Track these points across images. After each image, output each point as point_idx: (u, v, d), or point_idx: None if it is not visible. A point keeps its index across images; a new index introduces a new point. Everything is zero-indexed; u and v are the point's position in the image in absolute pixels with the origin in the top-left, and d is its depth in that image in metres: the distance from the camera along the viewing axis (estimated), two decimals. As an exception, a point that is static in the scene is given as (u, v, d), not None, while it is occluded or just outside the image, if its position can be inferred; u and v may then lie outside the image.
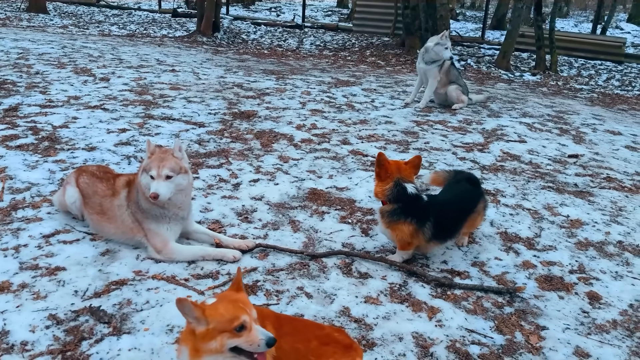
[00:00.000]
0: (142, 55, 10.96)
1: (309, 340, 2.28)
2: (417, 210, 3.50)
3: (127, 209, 3.42)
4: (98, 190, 3.55)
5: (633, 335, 3.06)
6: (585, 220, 4.49)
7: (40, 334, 2.67)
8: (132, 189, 3.45)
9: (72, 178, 3.72)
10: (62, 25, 16.42)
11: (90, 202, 3.58)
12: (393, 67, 12.70)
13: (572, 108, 9.13)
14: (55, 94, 7.08)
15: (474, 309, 3.19)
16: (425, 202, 3.58)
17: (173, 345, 2.68)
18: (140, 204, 3.38)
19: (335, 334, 2.35)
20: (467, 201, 3.75)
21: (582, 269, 3.74)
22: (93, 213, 3.57)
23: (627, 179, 5.59)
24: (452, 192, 3.84)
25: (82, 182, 3.64)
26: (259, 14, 23.68)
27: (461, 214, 3.69)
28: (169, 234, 3.40)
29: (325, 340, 2.29)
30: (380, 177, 3.50)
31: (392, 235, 3.56)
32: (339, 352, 2.25)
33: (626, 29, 23.99)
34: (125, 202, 3.44)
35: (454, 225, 3.68)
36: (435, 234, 3.53)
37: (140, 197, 3.37)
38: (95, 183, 3.58)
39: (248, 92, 8.23)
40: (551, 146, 6.57)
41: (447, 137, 6.60)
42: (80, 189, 3.64)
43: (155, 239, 3.37)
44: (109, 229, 3.52)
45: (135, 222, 3.41)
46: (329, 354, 2.24)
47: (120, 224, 3.46)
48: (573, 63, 14.91)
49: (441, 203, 3.70)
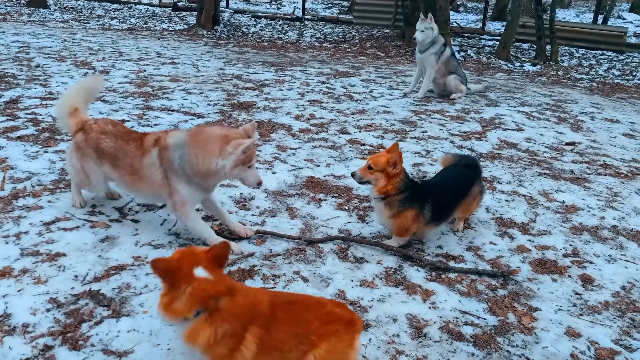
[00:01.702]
0: (142, 49, 11.00)
1: (309, 322, 2.24)
2: (419, 196, 3.57)
3: (160, 167, 3.44)
4: (127, 151, 3.55)
5: (624, 316, 3.11)
6: (580, 206, 4.52)
7: (41, 317, 2.73)
8: (165, 149, 3.42)
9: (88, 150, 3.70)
10: (62, 19, 16.45)
11: (120, 164, 3.59)
12: (393, 59, 12.71)
13: (571, 97, 9.14)
14: (56, 87, 7.12)
15: (468, 291, 3.24)
16: (422, 186, 3.67)
17: (171, 326, 2.73)
18: (175, 164, 3.37)
19: (337, 309, 2.31)
20: (460, 183, 3.81)
21: (576, 252, 3.79)
22: (125, 175, 3.58)
23: (624, 166, 5.62)
24: (446, 174, 3.93)
25: (106, 146, 3.61)
26: (259, 7, 23.65)
27: (455, 195, 3.76)
28: (191, 198, 3.48)
29: (327, 318, 2.26)
30: (395, 175, 3.50)
31: (394, 224, 3.60)
32: (341, 329, 2.25)
33: (628, 18, 23.86)
34: (157, 161, 3.44)
35: (449, 207, 3.74)
36: (432, 217, 3.60)
37: (185, 164, 3.33)
38: (123, 145, 3.58)
39: (247, 84, 8.26)
40: (549, 134, 6.59)
41: (445, 126, 6.63)
42: (102, 153, 3.64)
43: (177, 197, 3.44)
44: (142, 188, 3.55)
45: (164, 179, 3.44)
46: (331, 333, 2.23)
47: (150, 183, 3.50)
48: (574, 53, 14.88)
49: (435, 185, 3.79)
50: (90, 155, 3.67)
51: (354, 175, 3.60)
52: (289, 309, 2.30)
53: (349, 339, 2.27)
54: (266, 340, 2.19)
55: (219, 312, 2.16)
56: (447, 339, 2.81)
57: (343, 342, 2.25)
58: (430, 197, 3.59)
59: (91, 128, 3.69)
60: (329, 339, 2.22)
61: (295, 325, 2.25)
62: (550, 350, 2.77)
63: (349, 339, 2.27)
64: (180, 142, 3.37)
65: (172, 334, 2.67)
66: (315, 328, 2.23)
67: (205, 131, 3.38)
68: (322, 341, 2.22)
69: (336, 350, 2.24)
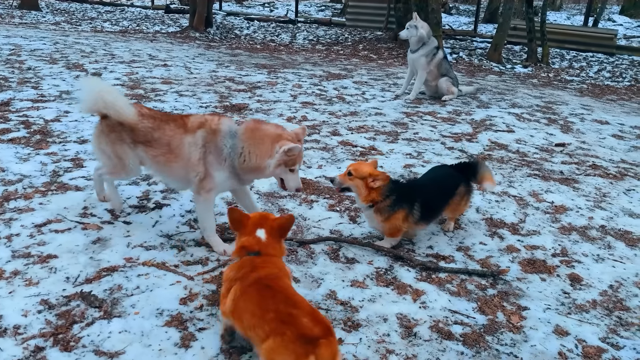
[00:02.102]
0: (134, 51, 10.99)
1: (267, 311, 2.27)
2: (406, 197, 3.63)
3: (202, 148, 3.44)
4: (166, 130, 3.55)
5: (612, 315, 3.15)
6: (569, 206, 4.57)
7: (32, 318, 2.73)
8: (214, 133, 3.43)
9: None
10: (54, 21, 16.40)
11: (155, 145, 3.57)
12: (385, 61, 12.76)
13: (561, 99, 9.22)
14: (47, 89, 7.11)
15: (458, 291, 3.27)
16: (408, 186, 3.75)
17: (163, 327, 2.74)
18: (224, 152, 3.39)
19: (303, 318, 2.20)
20: (446, 183, 3.90)
21: (565, 252, 3.83)
22: (160, 155, 3.57)
23: (612, 166, 5.68)
24: (432, 174, 4.03)
25: (143, 127, 3.58)
26: (252, 10, 23.68)
27: (441, 194, 3.83)
28: (221, 186, 3.52)
29: (284, 317, 2.22)
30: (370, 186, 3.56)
31: (386, 227, 3.65)
32: (289, 336, 2.15)
33: (618, 21, 24.10)
34: (202, 141, 3.44)
35: (437, 205, 3.81)
36: (422, 216, 3.66)
37: (235, 156, 3.36)
38: (161, 125, 3.58)
39: (239, 86, 8.28)
40: (539, 135, 6.65)
41: (436, 128, 6.68)
42: (137, 135, 3.60)
43: (208, 182, 3.45)
44: (175, 167, 3.54)
45: (201, 160, 3.45)
46: (278, 332, 2.18)
47: (186, 161, 3.49)
48: (565, 55, 15.00)
49: (422, 185, 3.87)
50: (125, 139, 3.63)
51: (333, 181, 3.66)
52: (262, 292, 2.39)
53: (295, 355, 2.12)
54: (237, 301, 2.43)
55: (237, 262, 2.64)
56: (436, 338, 2.83)
57: (287, 354, 2.13)
58: (418, 197, 3.66)
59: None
60: (275, 337, 2.17)
61: (255, 306, 2.34)
62: (538, 349, 2.81)
63: (296, 356, 2.12)
64: (233, 133, 3.40)
65: (164, 335, 2.69)
66: (269, 319, 2.24)
67: (262, 129, 3.39)
68: (270, 336, 2.19)
69: (277, 353, 2.16)
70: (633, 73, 13.00)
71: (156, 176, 3.92)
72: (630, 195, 4.93)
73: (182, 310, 2.89)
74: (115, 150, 3.64)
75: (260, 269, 2.52)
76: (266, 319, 2.25)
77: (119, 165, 3.69)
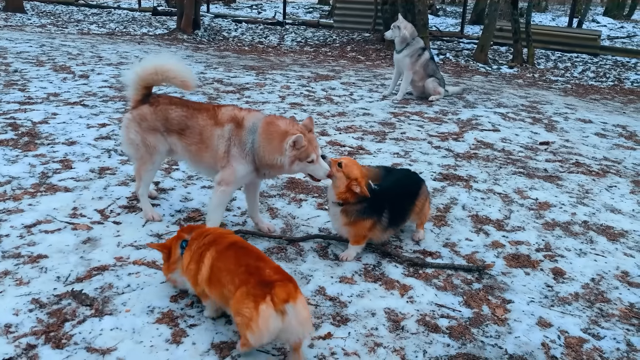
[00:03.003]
0: (122, 53, 10.97)
1: (240, 264, 2.58)
2: (376, 204, 3.51)
3: (228, 141, 3.48)
4: (199, 119, 3.59)
5: (593, 306, 3.24)
6: (553, 203, 4.67)
7: (23, 317, 2.75)
8: (241, 128, 3.47)
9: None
10: (40, 24, 16.30)
11: (188, 134, 3.61)
12: (373, 62, 12.86)
13: (546, 98, 9.37)
14: (35, 91, 7.09)
15: (444, 285, 3.34)
16: (378, 193, 3.54)
17: (154, 324, 2.78)
18: (247, 147, 3.44)
19: (267, 269, 2.53)
20: (410, 183, 3.81)
21: (548, 247, 3.92)
22: (192, 144, 3.61)
23: (595, 164, 5.80)
24: (396, 175, 3.90)
25: (176, 116, 3.63)
26: (240, 12, 23.69)
27: (408, 196, 3.74)
28: (241, 179, 3.57)
29: (251, 269, 2.53)
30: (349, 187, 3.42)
31: (350, 232, 3.52)
32: (252, 282, 2.45)
33: (602, 22, 24.45)
34: (228, 135, 3.49)
35: (404, 209, 3.71)
36: (390, 222, 3.58)
37: (255, 151, 3.42)
38: (195, 114, 3.61)
39: (228, 87, 8.31)
40: (523, 134, 6.77)
41: (423, 127, 6.76)
42: (171, 124, 3.65)
43: (228, 174, 3.51)
44: (206, 157, 3.59)
45: (226, 153, 3.50)
46: (243, 282, 2.48)
47: (214, 153, 3.54)
48: (550, 56, 15.20)
49: (390, 190, 3.66)
50: (157, 127, 3.67)
51: (324, 157, 3.43)
52: (237, 252, 2.69)
53: (255, 295, 2.39)
54: (214, 264, 2.66)
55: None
56: (423, 331, 2.90)
57: (248, 298, 2.41)
58: (387, 204, 3.55)
59: (157, 100, 3.72)
60: (241, 288, 2.47)
61: (232, 263, 2.61)
62: (522, 340, 2.88)
63: (254, 298, 2.39)
64: (254, 128, 3.45)
65: (155, 331, 2.72)
66: (240, 272, 2.53)
67: (274, 124, 3.43)
68: (239, 287, 2.48)
69: (240, 301, 2.44)
70: (616, 73, 13.22)
71: (188, 164, 3.94)
72: (612, 192, 5.04)
73: (172, 308, 2.92)
74: (145, 139, 3.70)
75: (229, 236, 2.85)
76: (238, 272, 2.55)
77: (146, 155, 3.74)
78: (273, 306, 2.35)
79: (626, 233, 4.22)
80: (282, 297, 2.37)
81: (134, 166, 3.91)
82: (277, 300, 2.36)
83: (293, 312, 2.38)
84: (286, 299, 2.37)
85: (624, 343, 2.91)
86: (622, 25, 23.97)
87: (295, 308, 2.39)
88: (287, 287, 2.43)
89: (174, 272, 2.97)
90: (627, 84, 12.12)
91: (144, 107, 3.70)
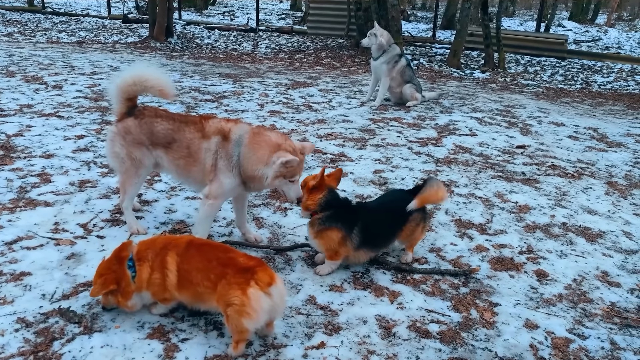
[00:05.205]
0: (94, 62, 10.80)
1: (210, 260, 2.67)
2: (345, 216, 3.41)
3: (215, 154, 3.44)
4: (186, 132, 3.53)
5: (577, 307, 3.32)
6: (532, 205, 4.78)
7: (9, 337, 2.69)
8: (227, 141, 3.42)
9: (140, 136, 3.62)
10: (6, 33, 15.93)
11: (175, 147, 3.55)
12: (348, 68, 12.95)
13: (519, 102, 9.58)
14: (7, 103, 6.93)
15: (432, 291, 3.39)
16: (353, 207, 3.53)
17: (145, 340, 2.74)
18: (234, 160, 3.41)
19: (239, 258, 2.64)
20: (399, 207, 3.55)
21: (531, 249, 4.01)
22: (179, 158, 3.56)
23: (570, 166, 5.96)
24: (385, 198, 3.91)
25: (161, 129, 3.57)
26: (212, 19, 23.57)
27: (392, 219, 3.56)
28: (229, 193, 3.55)
29: (224, 261, 2.63)
30: (315, 189, 3.38)
31: (320, 245, 3.44)
32: (231, 273, 2.57)
33: (568, 26, 25.17)
34: (215, 148, 3.45)
35: (385, 232, 3.56)
36: (363, 241, 3.41)
37: (242, 159, 3.39)
38: (182, 127, 3.55)
39: (205, 96, 8.26)
40: (500, 138, 6.91)
41: (403, 133, 6.85)
42: (156, 137, 3.59)
43: (216, 188, 3.48)
44: (194, 171, 3.55)
45: (213, 166, 3.46)
46: (222, 275, 2.58)
47: (202, 166, 3.51)
48: (520, 60, 15.55)
49: (368, 208, 3.66)
50: (143, 141, 3.60)
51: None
52: (200, 248, 2.78)
53: (239, 283, 2.51)
54: (180, 267, 2.71)
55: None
56: (415, 337, 2.93)
57: (233, 287, 2.52)
58: (360, 219, 3.41)
59: (143, 113, 3.64)
60: (221, 281, 2.58)
61: (200, 261, 2.69)
62: (511, 342, 2.94)
63: (239, 285, 2.51)
64: (241, 141, 3.41)
65: (147, 347, 2.69)
66: (213, 266, 2.63)
67: (262, 134, 3.41)
68: (218, 281, 2.59)
69: (226, 293, 2.54)
70: (584, 76, 13.61)
71: (175, 178, 3.90)
72: (588, 194, 5.19)
73: (163, 322, 2.89)
74: (130, 153, 3.64)
75: (179, 238, 2.93)
76: (210, 267, 2.64)
77: (131, 169, 3.68)
78: (259, 288, 2.51)
79: (603, 234, 4.34)
80: (265, 280, 2.55)
81: (119, 179, 3.86)
82: (262, 284, 2.53)
83: (277, 292, 2.58)
84: (270, 282, 2.55)
85: (607, 342, 2.99)
86: (587, 29, 24.72)
87: (277, 288, 2.59)
88: (267, 271, 2.61)
89: (132, 297, 2.82)
90: (595, 87, 12.49)
91: (129, 120, 3.64)
